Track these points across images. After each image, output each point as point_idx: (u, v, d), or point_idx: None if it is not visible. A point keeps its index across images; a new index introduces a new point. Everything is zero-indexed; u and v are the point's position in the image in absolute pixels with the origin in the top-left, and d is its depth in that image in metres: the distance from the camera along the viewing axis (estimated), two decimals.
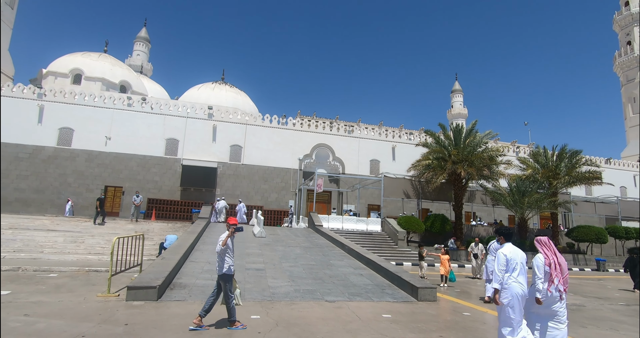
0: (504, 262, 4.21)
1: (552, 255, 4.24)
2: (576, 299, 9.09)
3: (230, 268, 5.04)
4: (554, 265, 4.16)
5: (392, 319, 5.91)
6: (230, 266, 5.04)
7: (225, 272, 5.00)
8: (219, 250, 4.99)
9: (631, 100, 49.46)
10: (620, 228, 24.67)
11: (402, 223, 20.15)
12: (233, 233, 5.12)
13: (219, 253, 5.02)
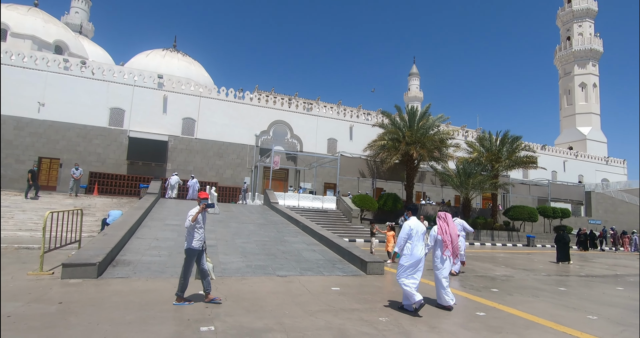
0: (407, 231, 5.18)
1: (447, 227, 5.50)
2: (506, 271, 10.01)
3: (197, 243, 4.94)
4: (445, 234, 5.45)
5: (341, 291, 6.10)
6: (199, 241, 4.95)
7: (190, 247, 4.91)
8: (187, 225, 4.88)
9: (566, 92, 53.85)
10: (549, 208, 27.37)
11: (356, 201, 20.67)
12: (204, 209, 5.00)
13: (187, 229, 4.92)
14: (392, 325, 4.41)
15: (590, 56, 51.83)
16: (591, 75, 52.00)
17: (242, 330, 3.93)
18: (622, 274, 11.01)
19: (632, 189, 38.82)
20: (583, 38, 52.28)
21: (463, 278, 8.32)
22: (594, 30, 53.20)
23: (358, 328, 4.21)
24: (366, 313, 4.85)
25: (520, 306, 5.76)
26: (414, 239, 5.17)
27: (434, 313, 5.09)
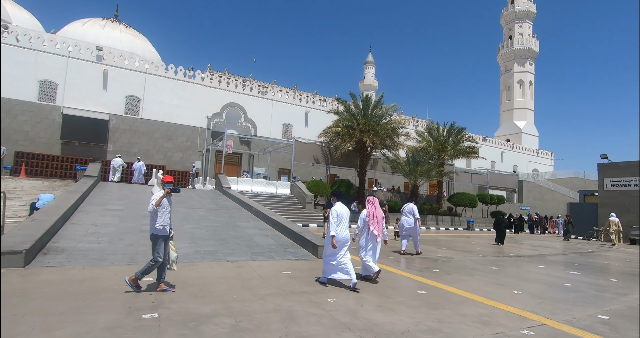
0: (335, 216, 5.59)
1: (374, 210, 6.14)
2: (447, 253, 10.75)
3: (161, 227, 4.73)
4: (372, 216, 6.10)
5: (292, 275, 6.16)
6: (163, 225, 4.74)
7: (153, 232, 4.72)
8: (151, 210, 4.66)
9: (507, 88, 57.97)
10: (487, 195, 29.68)
11: (310, 187, 20.82)
12: (169, 194, 4.79)
13: (150, 213, 4.72)
14: (339, 305, 4.55)
15: (528, 55, 55.99)
16: (528, 73, 56.33)
17: (188, 316, 3.83)
18: (544, 254, 12.33)
19: (557, 179, 43.31)
20: (523, 38, 56.20)
21: (409, 260, 8.80)
22: (532, 32, 57.40)
23: (306, 309, 4.29)
24: (315, 295, 4.96)
25: (457, 284, 6.23)
26: (341, 222, 5.63)
27: (378, 292, 5.34)
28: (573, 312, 4.90)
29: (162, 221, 4.76)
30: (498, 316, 4.47)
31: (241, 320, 3.78)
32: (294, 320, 3.88)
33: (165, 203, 4.80)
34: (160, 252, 4.73)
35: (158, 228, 4.73)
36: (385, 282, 6.08)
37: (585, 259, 11.51)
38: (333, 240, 5.48)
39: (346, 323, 3.86)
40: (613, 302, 5.68)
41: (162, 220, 4.77)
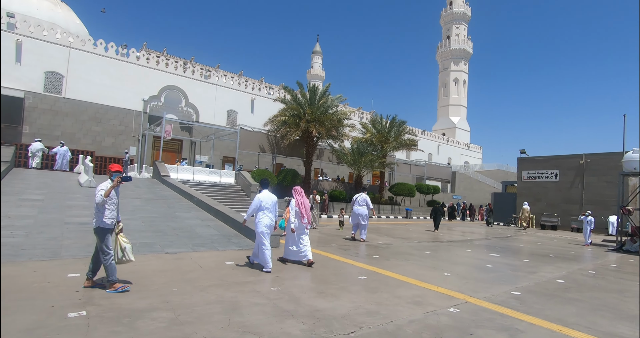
0: (257, 203, 5.94)
1: (301, 200, 6.52)
2: (387, 240, 11.35)
3: (109, 220, 4.40)
4: (302, 206, 6.47)
5: (235, 265, 6.07)
6: (111, 219, 4.41)
7: (99, 225, 4.34)
8: (99, 201, 4.26)
9: (444, 85, 61.86)
10: (424, 185, 31.68)
11: (255, 176, 20.49)
12: (119, 183, 4.42)
13: (97, 205, 4.31)
14: (283, 293, 4.60)
15: (463, 55, 60.13)
16: (462, 72, 60.59)
17: (122, 312, 3.60)
18: (471, 239, 13.58)
19: (484, 171, 47.59)
20: (459, 39, 60.12)
21: (352, 247, 9.13)
22: (467, 33, 61.63)
23: (250, 299, 4.28)
24: (259, 285, 4.95)
25: (395, 269, 6.63)
26: (266, 209, 5.97)
27: (322, 279, 5.49)
28: (492, 289, 5.50)
29: (110, 214, 4.43)
30: (429, 296, 4.86)
31: (181, 314, 3.66)
32: (237, 310, 3.85)
33: (112, 194, 4.46)
34: (109, 245, 4.41)
35: (107, 221, 4.39)
36: (328, 269, 6.26)
37: (504, 243, 12.90)
38: (244, 223, 6.18)
39: (289, 311, 3.92)
40: (524, 279, 6.47)
41: (111, 213, 4.45)
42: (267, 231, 5.93)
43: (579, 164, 22.02)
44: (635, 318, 4.45)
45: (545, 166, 23.67)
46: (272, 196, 6.14)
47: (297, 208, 6.51)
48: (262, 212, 5.96)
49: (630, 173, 13.06)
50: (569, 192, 22.35)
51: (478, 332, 3.62)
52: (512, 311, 4.41)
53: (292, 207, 6.55)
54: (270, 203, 6.03)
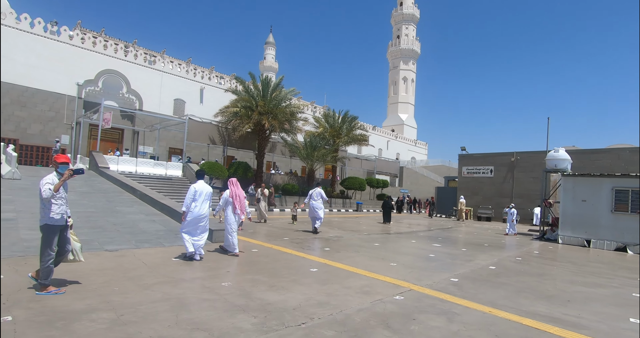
0: (192, 193, 6.05)
1: (236, 190, 6.77)
2: (338, 233, 11.62)
3: (58, 216, 3.99)
4: (235, 196, 6.74)
5: (182, 262, 5.86)
6: (60, 214, 3.99)
7: (47, 223, 3.93)
8: (47, 196, 3.84)
9: (393, 83, 64.15)
10: (374, 179, 32.78)
11: (205, 168, 19.76)
12: (71, 176, 3.99)
13: (43, 201, 3.89)
14: (234, 288, 4.54)
15: (412, 55, 62.72)
16: (411, 71, 63.25)
17: (55, 315, 3.32)
18: (416, 230, 14.37)
19: (429, 166, 50.35)
20: (408, 39, 62.55)
21: (303, 240, 9.22)
22: (416, 34, 64.33)
23: (199, 295, 4.17)
24: (209, 281, 4.84)
25: (345, 260, 6.83)
26: (199, 200, 6.08)
27: (273, 273, 5.50)
28: (433, 277, 5.90)
29: (58, 209, 4.02)
30: (377, 286, 5.09)
31: (123, 313, 3.46)
32: (185, 308, 3.73)
33: (61, 188, 4.05)
34: (54, 245, 4.01)
35: (55, 217, 3.99)
36: (280, 263, 6.29)
37: (445, 234, 13.84)
38: (184, 215, 6.00)
39: (240, 305, 3.89)
40: (461, 267, 7.02)
41: (59, 208, 4.04)
42: (194, 219, 6.04)
43: (510, 161, 24.18)
44: (551, 298, 5.05)
45: (482, 162, 25.67)
46: (207, 186, 6.29)
47: (231, 199, 6.74)
48: (196, 202, 6.07)
49: (552, 170, 14.64)
50: (501, 186, 24.49)
51: (420, 317, 3.88)
52: (450, 296, 4.78)
53: (226, 198, 6.80)
54: (205, 193, 6.17)
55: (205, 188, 6.21)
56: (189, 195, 6.03)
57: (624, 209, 11.52)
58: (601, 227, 11.89)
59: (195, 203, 6.05)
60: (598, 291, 5.65)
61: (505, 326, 3.78)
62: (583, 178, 12.62)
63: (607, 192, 11.86)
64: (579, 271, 7.42)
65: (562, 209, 12.90)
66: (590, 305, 4.84)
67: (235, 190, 6.81)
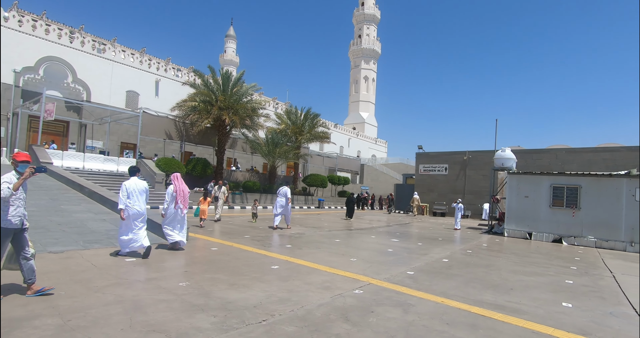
0: (124, 190, 5.95)
1: (179, 185, 6.84)
2: (300, 230, 11.67)
3: (15, 219, 3.65)
4: (179, 192, 6.78)
5: (136, 262, 5.61)
6: (17, 217, 3.66)
7: (5, 225, 3.59)
8: (6, 195, 3.51)
9: (355, 82, 65.20)
10: (336, 176, 33.19)
11: (161, 164, 18.94)
12: (32, 175, 3.67)
13: (1, 201, 3.53)
14: (192, 288, 4.43)
15: (373, 55, 64.09)
16: (372, 71, 64.63)
17: None
18: (375, 226, 14.79)
19: (389, 164, 51.88)
20: (369, 39, 63.81)
21: (264, 238, 9.16)
22: (377, 34, 65.80)
23: (155, 296, 4.02)
24: (165, 281, 4.67)
25: (306, 257, 6.89)
26: (134, 196, 6.01)
27: (235, 271, 5.43)
28: (391, 271, 6.13)
29: (15, 211, 3.67)
30: (337, 281, 5.20)
31: (71, 319, 3.26)
32: (140, 310, 3.59)
33: (20, 188, 3.72)
34: (5, 249, 3.68)
35: (12, 220, 3.64)
36: (241, 261, 6.21)
37: (403, 229, 14.39)
38: (122, 213, 5.86)
39: (199, 305, 3.81)
40: (417, 260, 7.36)
41: (16, 209, 3.69)
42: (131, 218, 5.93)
43: (463, 159, 25.58)
44: (497, 287, 5.46)
45: (437, 160, 26.92)
46: (141, 182, 6.23)
47: (174, 194, 6.78)
48: (131, 199, 5.99)
49: (499, 168, 15.71)
50: (455, 183, 25.86)
51: (378, 309, 4.04)
52: (406, 288, 5.01)
53: (169, 193, 6.78)
54: (139, 189, 6.10)
55: (139, 184, 6.14)
56: (122, 193, 5.96)
57: (560, 204, 12.66)
58: (541, 221, 12.98)
59: (129, 200, 5.97)
60: (537, 280, 6.19)
61: (456, 314, 4.04)
62: (526, 176, 13.68)
63: (546, 189, 12.96)
64: (520, 261, 8.06)
65: (507, 204, 13.90)
66: (529, 292, 5.29)
67: (180, 185, 6.85)
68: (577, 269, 7.53)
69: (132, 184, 6.05)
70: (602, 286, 6.01)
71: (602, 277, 6.84)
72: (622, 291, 5.73)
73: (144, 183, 6.25)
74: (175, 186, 6.82)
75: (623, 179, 11.73)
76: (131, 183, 6.07)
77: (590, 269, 7.64)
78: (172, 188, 6.82)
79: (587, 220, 12.13)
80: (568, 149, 22.47)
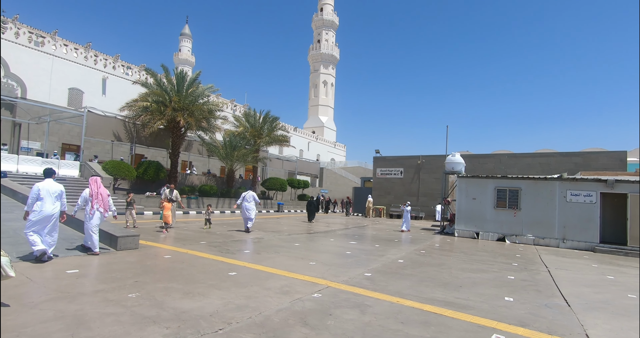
0: (35, 192, 5.82)
1: (97, 188, 6.80)
2: (258, 234, 11.51)
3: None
4: (96, 195, 6.73)
5: (80, 274, 5.21)
6: None
7: None
8: None
9: (314, 86, 65.80)
10: (296, 180, 33.16)
11: (108, 168, 17.80)
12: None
13: None
14: (143, 299, 4.20)
15: (331, 60, 65.13)
16: (330, 76, 65.63)
17: None
18: (335, 229, 14.97)
19: (348, 167, 52.77)
20: (328, 44, 64.81)
21: (221, 244, 8.91)
22: (335, 40, 67.00)
23: (101, 310, 3.76)
24: (112, 293, 4.39)
25: (265, 262, 6.81)
26: (46, 199, 5.88)
27: (189, 279, 5.23)
28: (349, 273, 6.25)
29: None
30: (296, 285, 5.20)
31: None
32: (84, 325, 3.34)
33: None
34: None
35: None
36: (196, 268, 6.00)
37: (361, 231, 14.70)
38: (26, 215, 5.71)
39: (151, 317, 3.63)
40: (374, 262, 7.56)
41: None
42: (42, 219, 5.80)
43: (417, 163, 26.73)
44: (447, 285, 5.77)
45: (393, 164, 27.88)
46: (56, 185, 6.13)
47: (90, 198, 6.72)
48: (42, 201, 5.83)
49: (450, 172, 16.62)
50: (410, 186, 26.92)
51: (336, 312, 4.10)
52: (363, 290, 5.13)
53: (85, 197, 6.73)
54: (52, 192, 5.98)
55: (52, 187, 6.01)
56: (32, 194, 5.81)
57: (503, 205, 13.66)
58: (487, 221, 13.91)
59: (41, 202, 5.81)
60: (482, 276, 6.62)
61: (410, 313, 4.21)
62: (473, 179, 14.59)
63: (491, 191, 13.92)
64: (469, 259, 8.58)
65: (457, 206, 14.73)
66: (476, 288, 5.65)
67: (97, 189, 6.81)
68: (518, 265, 8.17)
69: (46, 186, 5.92)
70: (539, 280, 6.57)
71: (539, 272, 7.47)
72: (555, 284, 6.30)
73: (59, 186, 6.15)
74: (91, 189, 6.76)
75: (556, 182, 12.93)
76: (44, 184, 5.93)
77: (529, 265, 8.32)
78: (87, 191, 6.76)
79: (527, 219, 13.19)
80: (510, 154, 24.32)
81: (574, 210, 12.44)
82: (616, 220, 12.38)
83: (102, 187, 6.92)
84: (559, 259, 9.58)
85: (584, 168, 20.10)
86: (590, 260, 9.82)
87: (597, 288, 6.27)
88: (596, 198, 12.15)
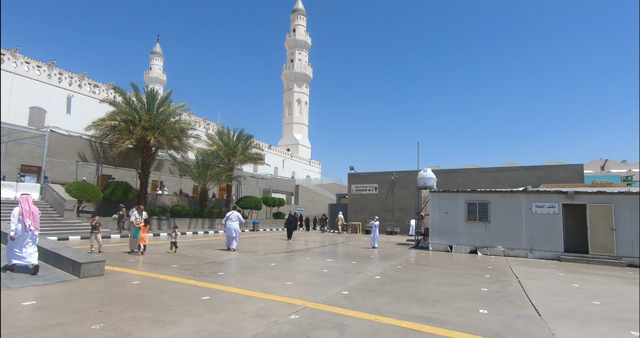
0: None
1: (28, 208, 6.89)
2: (233, 255, 11.19)
3: None
4: (27, 214, 6.81)
5: (38, 306, 4.84)
6: None
7: None
8: None
9: (288, 104, 66.40)
10: (271, 198, 32.79)
11: (72, 190, 16.94)
12: None
13: None
14: (108, 330, 3.94)
15: (305, 79, 66.26)
16: (304, 94, 66.58)
17: None
18: (311, 247, 14.81)
19: (323, 184, 52.88)
20: (301, 63, 66.06)
21: (194, 267, 8.58)
22: (308, 60, 68.43)
23: None
24: (74, 326, 4.09)
25: (240, 284, 6.61)
26: None
27: (159, 306, 4.97)
28: (327, 292, 6.16)
29: None
30: (273, 307, 5.07)
31: None
32: None
33: None
34: None
35: None
36: (167, 294, 5.72)
37: (337, 249, 14.62)
38: None
39: None
40: (352, 280, 7.51)
41: None
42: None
43: (391, 179, 27.21)
44: (424, 300, 5.81)
45: (368, 180, 28.24)
46: None
47: (21, 217, 6.77)
48: None
49: (422, 187, 17.02)
50: (384, 202, 27.26)
51: (314, 334, 4.01)
52: (342, 309, 5.06)
53: (15, 215, 6.78)
54: None
55: None
56: None
57: (474, 218, 14.07)
58: (459, 234, 14.25)
59: None
60: (457, 290, 6.72)
61: (388, 331, 4.19)
62: (445, 194, 15.00)
63: (462, 205, 14.34)
64: (444, 273, 8.70)
65: (431, 220, 15.02)
66: (452, 302, 5.72)
67: (28, 208, 6.91)
68: (490, 277, 8.37)
69: None
70: (510, 292, 6.75)
71: (510, 283, 7.68)
72: (526, 295, 6.49)
73: None
74: (22, 208, 6.85)
75: (522, 194, 13.52)
76: None
77: (501, 276, 8.55)
78: (17, 210, 6.85)
79: (496, 231, 13.64)
80: (478, 169, 25.29)
81: (539, 221, 13.00)
82: (578, 229, 13.03)
83: (32, 205, 7.01)
84: (528, 269, 9.91)
85: (546, 181, 21.19)
86: (557, 268, 10.22)
87: (564, 296, 6.51)
88: (559, 209, 12.78)
